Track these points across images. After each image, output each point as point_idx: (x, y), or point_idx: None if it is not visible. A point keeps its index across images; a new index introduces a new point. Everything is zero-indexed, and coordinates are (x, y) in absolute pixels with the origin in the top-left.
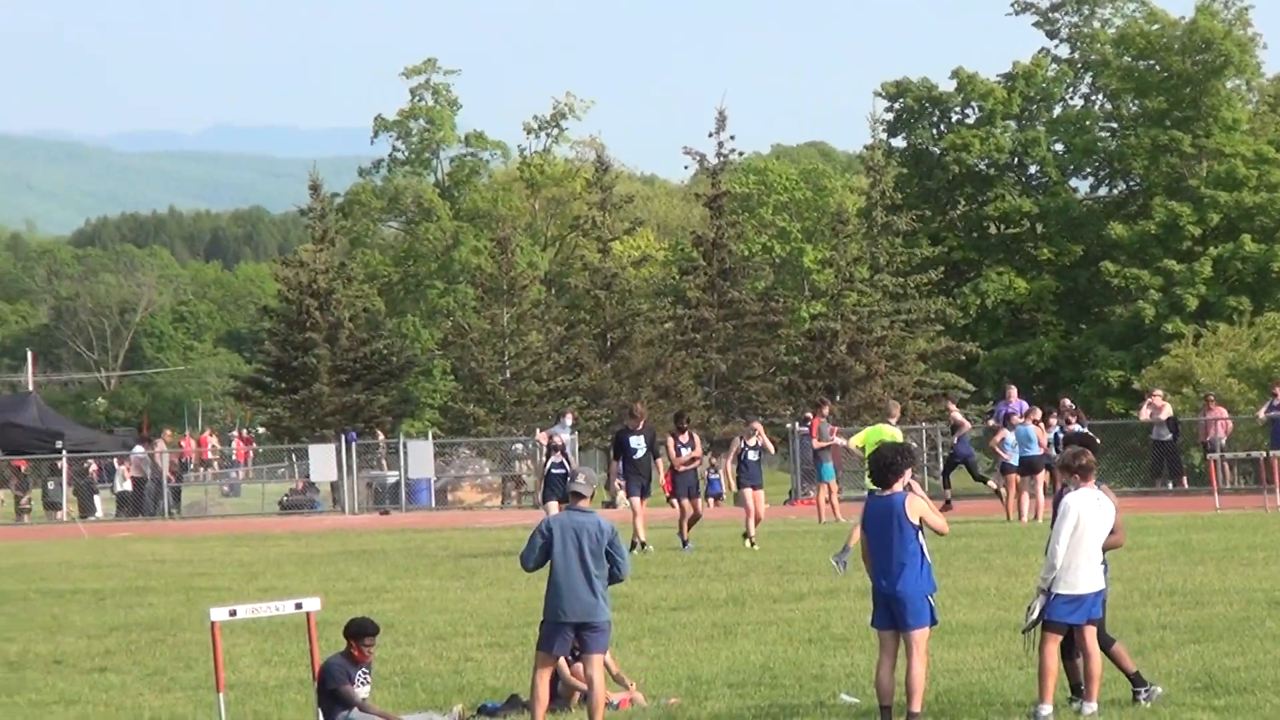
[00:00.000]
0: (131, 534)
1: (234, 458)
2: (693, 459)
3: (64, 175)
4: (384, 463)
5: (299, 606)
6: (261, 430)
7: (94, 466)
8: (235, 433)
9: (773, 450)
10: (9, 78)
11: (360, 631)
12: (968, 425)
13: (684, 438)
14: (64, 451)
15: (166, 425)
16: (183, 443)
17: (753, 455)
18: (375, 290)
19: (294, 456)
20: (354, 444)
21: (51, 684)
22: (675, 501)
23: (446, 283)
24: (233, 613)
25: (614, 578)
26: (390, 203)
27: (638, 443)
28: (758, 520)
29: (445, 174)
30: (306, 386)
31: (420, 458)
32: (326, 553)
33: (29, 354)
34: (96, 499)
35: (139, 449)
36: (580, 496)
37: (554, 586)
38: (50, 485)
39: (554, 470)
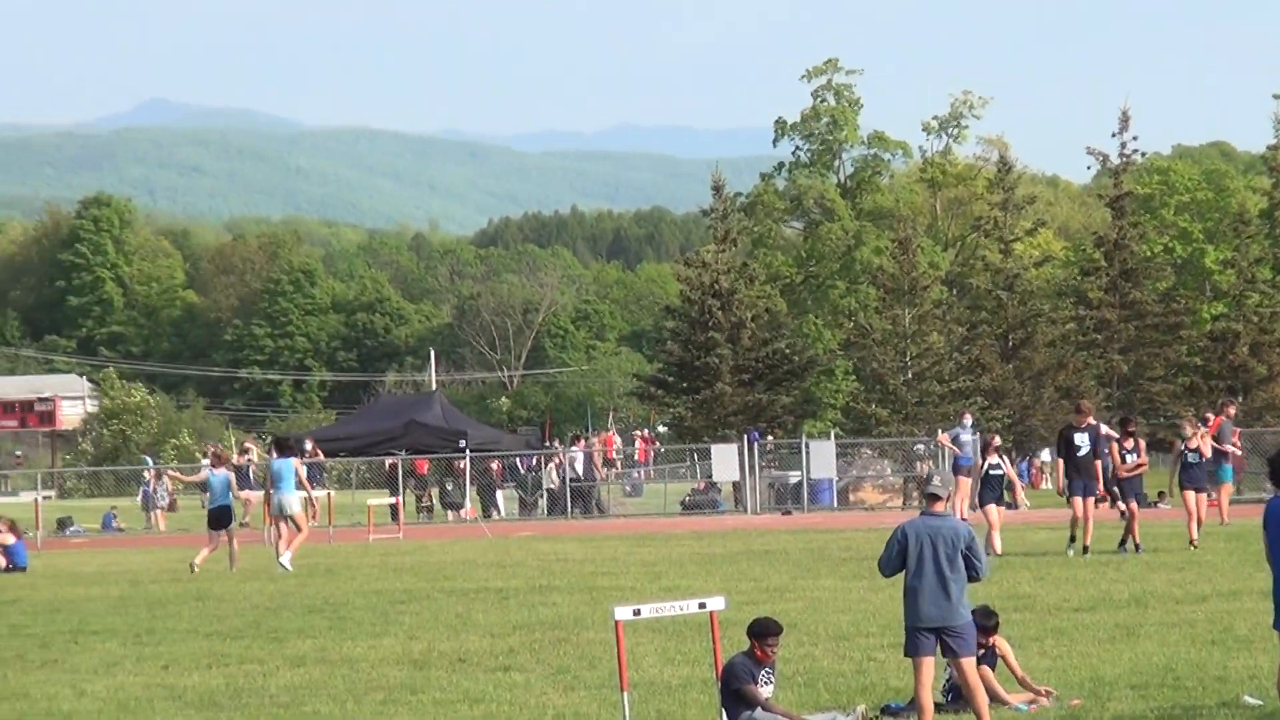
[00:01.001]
0: (534, 533)
1: (636, 457)
2: (1138, 466)
3: (467, 175)
4: (785, 462)
5: (702, 606)
6: (663, 430)
7: (496, 465)
8: (637, 432)
9: (1208, 453)
10: (415, 78)
11: (764, 631)
12: None
13: (1129, 444)
14: (467, 450)
15: (569, 425)
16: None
17: (1192, 458)
18: (777, 290)
19: (696, 456)
20: (756, 444)
21: (456, 682)
22: (1123, 504)
23: (848, 283)
24: (636, 612)
25: (971, 578)
26: (793, 203)
27: (1082, 440)
28: (1199, 522)
29: (847, 174)
30: (709, 386)
31: (822, 458)
32: (728, 552)
33: (432, 353)
34: (499, 497)
35: (574, 448)
36: (936, 499)
37: (910, 592)
38: (449, 485)
39: (992, 472)
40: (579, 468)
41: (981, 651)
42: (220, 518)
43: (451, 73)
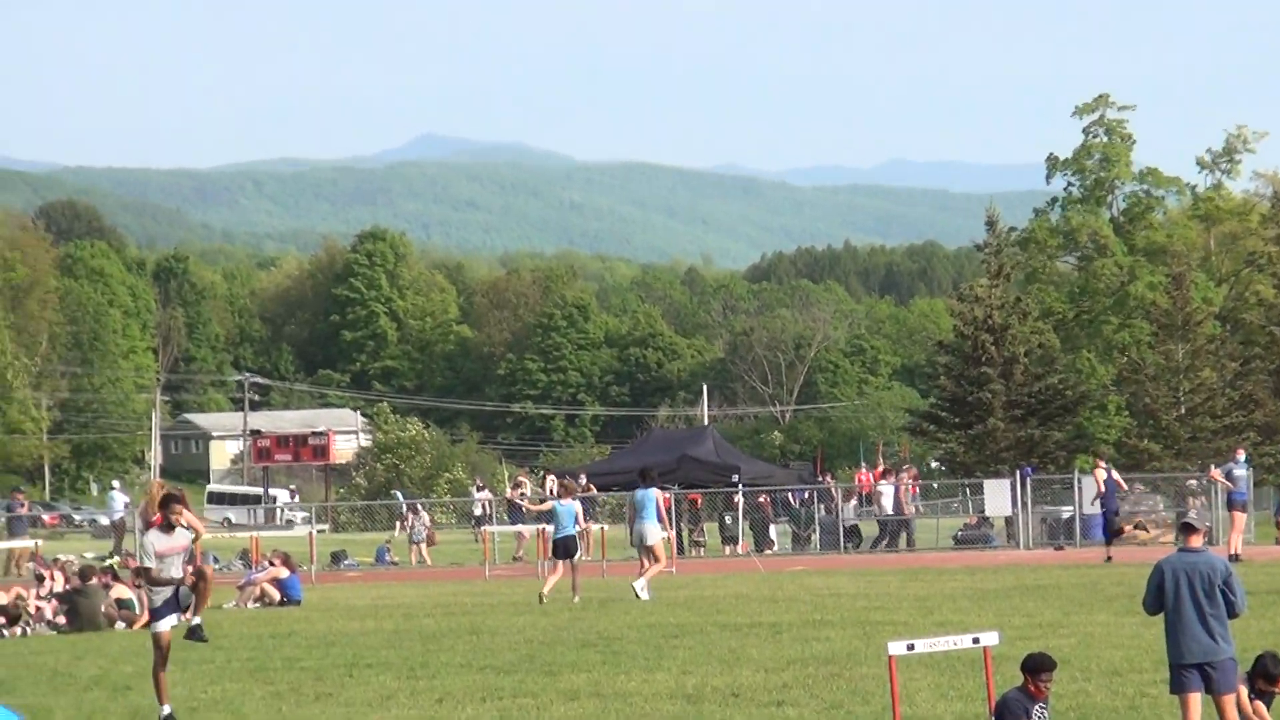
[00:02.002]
0: (806, 568)
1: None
2: None
3: (740, 209)
4: (1057, 497)
5: (976, 641)
6: (935, 465)
7: (765, 499)
8: (906, 468)
9: None
10: (691, 113)
11: (1038, 666)
12: None
13: None
14: (740, 485)
15: (841, 460)
16: (860, 477)
17: None
18: (1049, 326)
19: (968, 491)
20: (1029, 479)
21: (728, 716)
22: None
23: (1121, 318)
24: (910, 647)
25: (1231, 613)
26: (1065, 239)
27: None
28: None
29: (1120, 210)
30: (981, 421)
31: (1094, 493)
32: (1001, 587)
33: (704, 388)
34: (772, 531)
35: (884, 482)
36: (1192, 531)
37: (1170, 628)
38: (728, 519)
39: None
40: (886, 502)
41: (1269, 696)
42: (566, 547)
43: (728, 108)
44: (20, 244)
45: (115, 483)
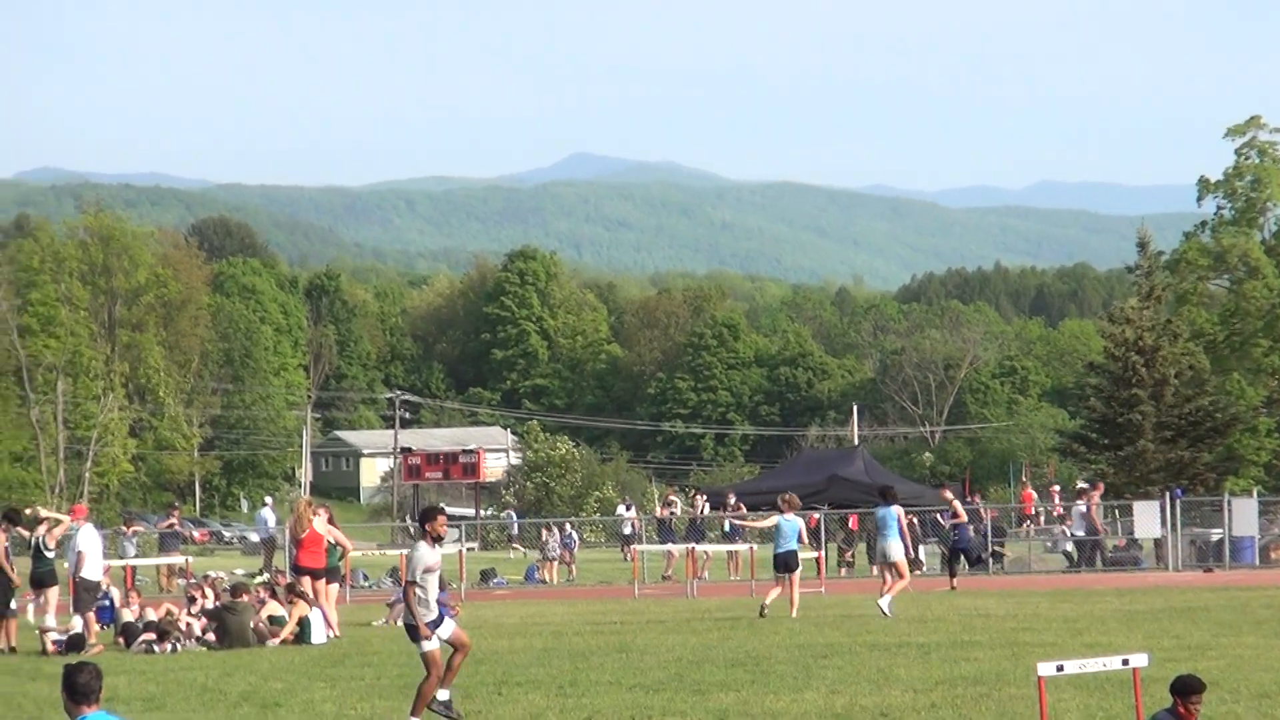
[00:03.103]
0: (958, 589)
1: (1054, 513)
2: None
3: (891, 230)
4: (1207, 520)
5: (1125, 663)
6: (1083, 486)
7: (914, 520)
8: (1054, 488)
9: None
10: (840, 134)
11: (1187, 689)
12: None
13: None
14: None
15: (991, 481)
16: (1026, 496)
17: None
18: (1200, 347)
19: (1118, 513)
20: (1179, 501)
21: None
22: None
23: (1271, 340)
24: (1059, 668)
25: None
26: (1216, 260)
27: None
28: None
29: (1271, 232)
30: (1131, 443)
31: (1244, 515)
32: (1150, 609)
33: (854, 408)
34: (921, 552)
35: (1079, 503)
36: None
37: None
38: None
39: None
40: (1078, 522)
41: None
42: (788, 562)
43: (878, 129)
44: (173, 261)
45: (267, 499)
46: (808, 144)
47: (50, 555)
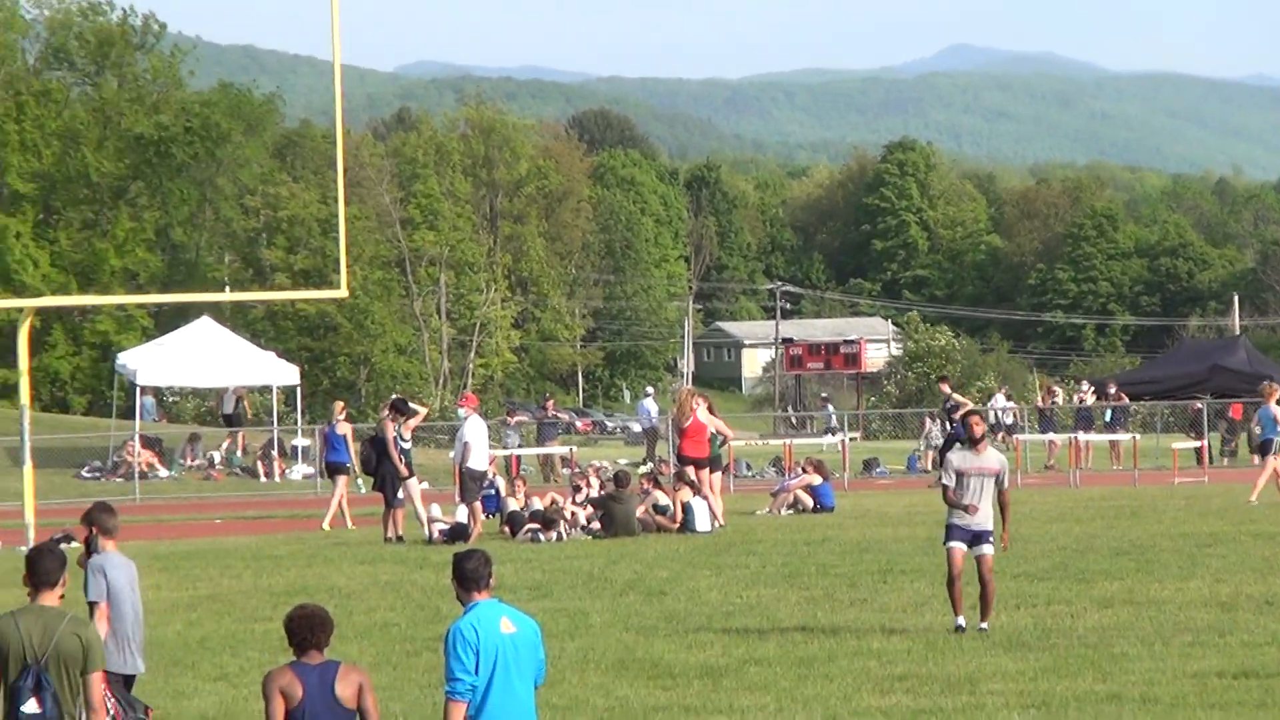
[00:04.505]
0: None
1: None
2: None
3: (1272, 120)
4: None
5: None
6: None
7: None
8: None
9: None
10: (1222, 23)
11: None
12: None
13: None
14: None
15: None
16: None
17: None
18: None
19: None
20: None
21: (1264, 625)
22: None
23: None
24: None
25: None
26: None
27: None
28: None
29: None
30: None
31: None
32: None
33: (1235, 298)
34: None
35: None
36: None
37: None
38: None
39: None
40: None
41: None
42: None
43: (1261, 17)
44: (554, 153)
45: (649, 390)
46: (1187, 33)
47: (407, 447)
